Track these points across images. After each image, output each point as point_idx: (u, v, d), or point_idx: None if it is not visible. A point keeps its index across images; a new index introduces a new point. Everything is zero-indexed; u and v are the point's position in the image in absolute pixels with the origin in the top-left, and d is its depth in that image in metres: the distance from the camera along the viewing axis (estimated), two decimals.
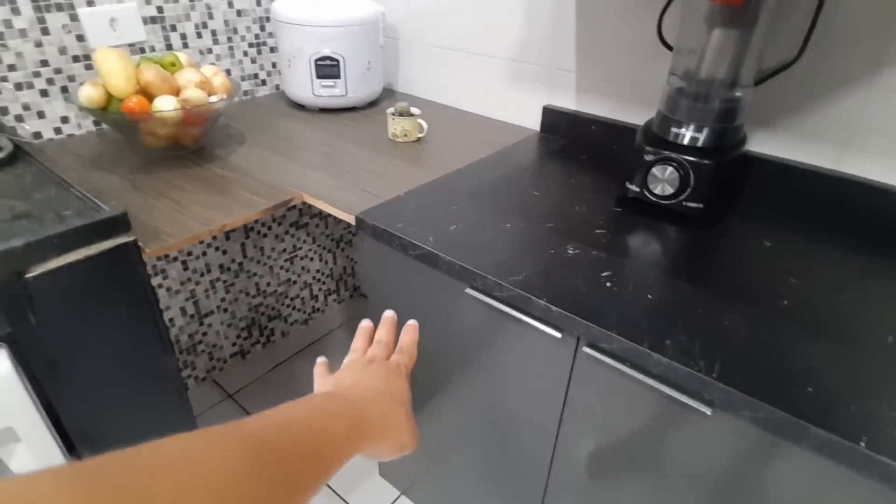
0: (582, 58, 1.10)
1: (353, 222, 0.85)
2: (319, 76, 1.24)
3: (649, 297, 0.67)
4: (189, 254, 1.37)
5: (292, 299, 1.75)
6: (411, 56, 1.39)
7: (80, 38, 1.05)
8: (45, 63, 1.02)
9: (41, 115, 1.05)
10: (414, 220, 0.82)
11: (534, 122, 1.22)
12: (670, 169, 0.82)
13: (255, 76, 1.38)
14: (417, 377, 0.87)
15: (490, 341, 0.79)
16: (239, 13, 1.29)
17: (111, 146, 1.07)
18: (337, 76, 1.24)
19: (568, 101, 1.16)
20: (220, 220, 0.82)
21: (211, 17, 1.24)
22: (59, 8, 1.01)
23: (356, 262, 1.92)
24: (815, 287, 0.70)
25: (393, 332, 0.54)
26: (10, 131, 0.97)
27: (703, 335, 0.60)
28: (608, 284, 0.69)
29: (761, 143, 0.93)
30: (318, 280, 1.81)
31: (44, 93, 1.04)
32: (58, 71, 1.04)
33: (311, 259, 1.74)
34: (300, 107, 1.33)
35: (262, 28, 1.34)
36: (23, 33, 0.98)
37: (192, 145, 1.05)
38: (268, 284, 1.64)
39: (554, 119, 1.18)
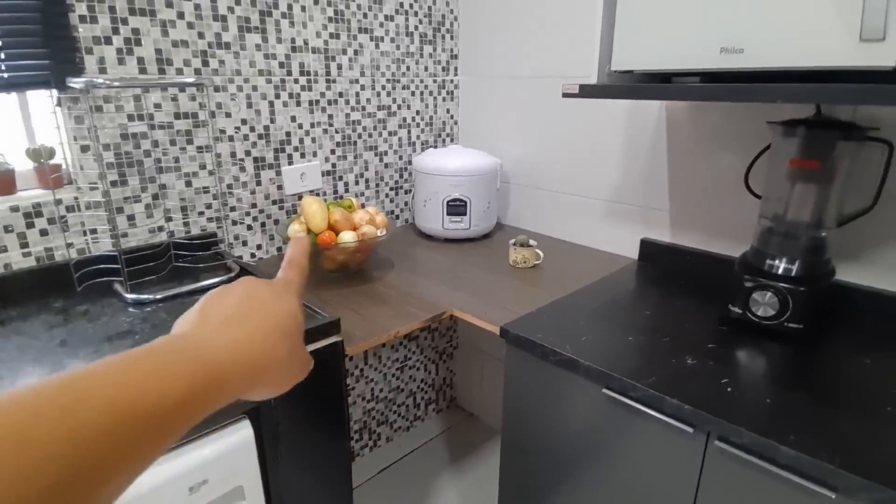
0: (674, 200, 1.32)
1: (497, 333, 1.04)
2: (449, 213, 1.51)
3: (767, 401, 0.79)
4: None
5: (399, 406, 1.90)
6: (521, 196, 1.66)
7: (280, 187, 1.39)
8: (254, 205, 1.35)
9: (244, 243, 1.36)
10: (550, 332, 1.00)
11: (632, 252, 1.41)
12: (769, 294, 0.97)
13: (392, 212, 1.69)
14: (551, 476, 0.98)
15: (623, 439, 0.92)
16: (386, 165, 1.63)
17: None
18: (464, 213, 1.51)
19: (663, 235, 1.36)
20: (395, 327, 1.03)
21: (366, 169, 1.58)
22: (271, 167, 1.36)
23: (455, 374, 2.08)
24: None
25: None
26: (229, 255, 1.27)
27: (820, 433, 0.72)
28: (729, 390, 0.82)
29: (850, 274, 1.07)
30: (422, 389, 1.97)
31: (249, 227, 1.36)
32: (261, 211, 1.37)
33: (418, 369, 1.92)
34: (428, 237, 1.61)
35: (401, 175, 1.68)
36: (245, 185, 1.33)
37: (355, 268, 1.31)
38: (381, 390, 1.82)
39: (651, 250, 1.37)
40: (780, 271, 0.99)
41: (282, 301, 0.36)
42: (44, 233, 1.07)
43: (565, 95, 0.99)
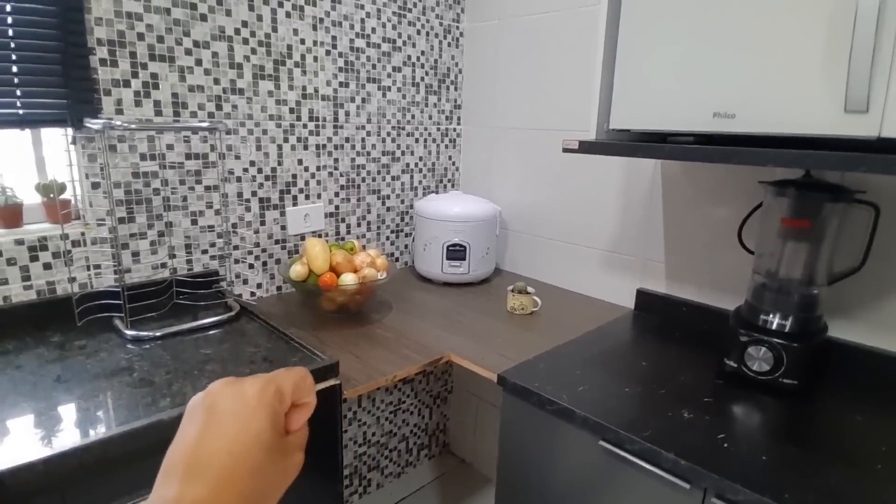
0: (670, 252, 1.35)
1: (494, 380, 1.04)
2: (449, 258, 1.54)
3: (763, 457, 0.79)
4: None
5: (391, 451, 1.87)
6: (519, 243, 1.69)
7: (283, 227, 1.41)
8: (257, 245, 1.37)
9: (245, 282, 1.37)
10: (547, 380, 1.01)
11: (628, 301, 1.43)
12: (764, 349, 0.98)
13: (392, 255, 1.71)
14: None
15: (619, 492, 0.91)
16: (388, 209, 1.66)
17: (289, 307, 1.35)
18: (463, 258, 1.53)
19: (659, 286, 1.38)
20: (392, 371, 1.03)
21: (369, 211, 1.61)
22: (275, 207, 1.39)
23: (448, 419, 2.05)
24: None
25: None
26: (230, 293, 1.28)
27: (814, 491, 0.72)
28: (725, 445, 0.82)
29: (842, 331, 1.09)
30: (415, 434, 1.94)
31: (251, 266, 1.37)
32: (263, 251, 1.39)
33: (412, 413, 1.90)
34: (427, 280, 1.62)
35: (402, 219, 1.71)
36: (249, 224, 1.35)
37: (355, 309, 1.32)
38: (373, 434, 1.79)
39: (647, 300, 1.39)
40: (774, 326, 1.01)
41: (250, 422, 0.34)
42: (47, 266, 1.08)
43: (565, 151, 1.02)
